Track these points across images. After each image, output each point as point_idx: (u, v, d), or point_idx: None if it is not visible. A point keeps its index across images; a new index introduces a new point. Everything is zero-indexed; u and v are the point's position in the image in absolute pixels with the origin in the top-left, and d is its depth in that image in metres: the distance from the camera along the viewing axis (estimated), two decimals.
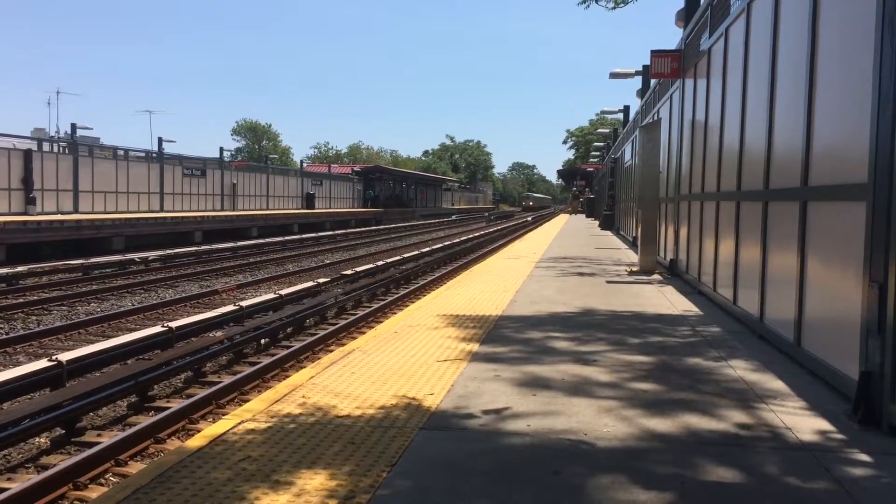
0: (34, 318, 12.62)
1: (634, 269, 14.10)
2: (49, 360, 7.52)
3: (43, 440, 6.30)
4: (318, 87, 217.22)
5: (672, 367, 5.90)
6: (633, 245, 21.22)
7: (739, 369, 5.83)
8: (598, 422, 4.41)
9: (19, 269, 18.07)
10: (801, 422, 4.45)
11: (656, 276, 13.07)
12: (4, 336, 10.55)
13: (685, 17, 14.07)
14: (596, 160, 58.97)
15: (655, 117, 17.48)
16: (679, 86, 13.67)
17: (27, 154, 27.37)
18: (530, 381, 5.36)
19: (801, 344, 5.82)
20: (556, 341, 6.90)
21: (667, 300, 9.95)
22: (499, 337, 7.10)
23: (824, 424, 4.42)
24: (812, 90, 5.70)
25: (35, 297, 14.47)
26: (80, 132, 36.56)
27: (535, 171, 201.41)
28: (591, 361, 6.04)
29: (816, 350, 5.52)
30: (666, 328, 7.73)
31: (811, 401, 4.92)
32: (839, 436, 4.21)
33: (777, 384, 5.38)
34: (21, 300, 13.98)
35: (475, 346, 6.61)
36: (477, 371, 5.67)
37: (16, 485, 5.05)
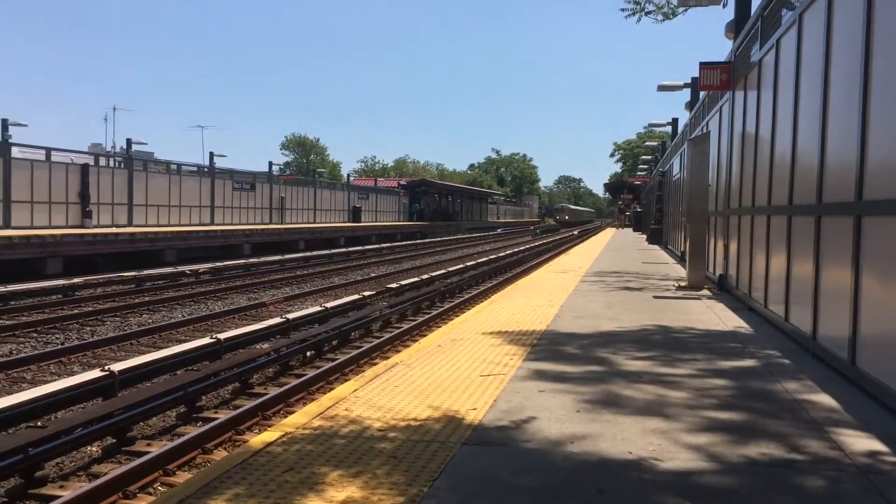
0: (88, 328, 12.97)
1: (682, 284, 13.86)
2: (102, 371, 7.72)
3: (95, 448, 6.45)
4: (366, 102, 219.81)
5: (721, 385, 5.77)
6: (681, 260, 20.89)
7: (791, 388, 5.67)
8: (644, 441, 4.33)
9: (75, 280, 18.61)
10: (855, 443, 4.31)
11: (705, 292, 12.83)
12: (60, 346, 10.87)
13: (735, 28, 13.86)
14: (643, 173, 58.33)
15: (704, 130, 17.22)
16: (729, 98, 13.45)
17: (84, 169, 28.28)
18: (574, 398, 5.30)
19: (856, 363, 5.64)
20: (601, 357, 6.81)
21: (716, 316, 9.76)
22: (542, 352, 7.04)
23: (879, 446, 4.27)
24: (866, 101, 5.55)
25: (90, 309, 14.89)
26: (135, 147, 37.58)
27: (582, 184, 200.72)
28: (637, 378, 5.95)
29: (872, 369, 5.34)
30: (715, 345, 7.57)
31: (866, 421, 4.76)
32: (894, 458, 4.06)
33: (831, 404, 5.22)
34: (76, 311, 14.40)
35: (518, 362, 6.57)
36: (520, 386, 5.63)
37: (67, 492, 5.17)
